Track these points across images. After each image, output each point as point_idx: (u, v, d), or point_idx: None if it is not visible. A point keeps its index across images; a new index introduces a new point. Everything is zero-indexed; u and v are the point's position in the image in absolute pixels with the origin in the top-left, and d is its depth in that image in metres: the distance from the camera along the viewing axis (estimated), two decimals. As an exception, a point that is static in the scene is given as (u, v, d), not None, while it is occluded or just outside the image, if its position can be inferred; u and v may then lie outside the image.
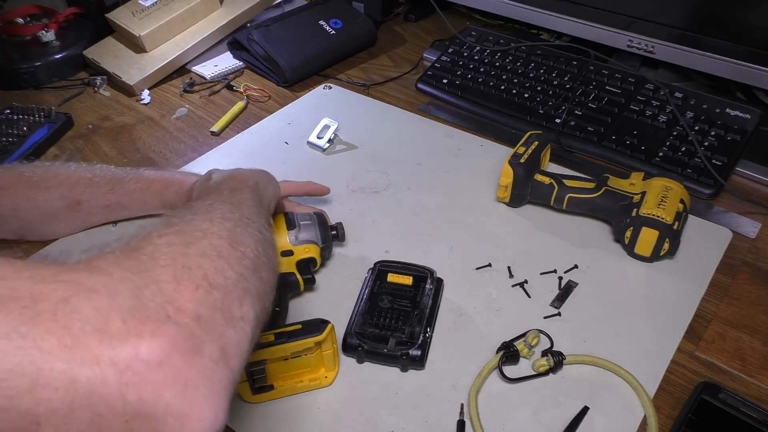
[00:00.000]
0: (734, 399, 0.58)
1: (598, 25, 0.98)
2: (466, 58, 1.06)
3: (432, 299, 0.66)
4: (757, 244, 0.75)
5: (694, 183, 0.82)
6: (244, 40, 1.11)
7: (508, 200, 0.80)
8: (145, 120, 1.01)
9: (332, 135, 0.92)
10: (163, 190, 0.74)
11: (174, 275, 0.36)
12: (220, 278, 0.38)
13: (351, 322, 0.64)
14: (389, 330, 0.63)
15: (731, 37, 0.87)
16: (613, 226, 0.75)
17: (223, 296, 0.37)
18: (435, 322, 0.66)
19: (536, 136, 0.82)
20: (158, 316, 0.33)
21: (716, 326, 0.66)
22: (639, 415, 0.58)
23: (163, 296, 0.34)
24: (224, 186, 0.58)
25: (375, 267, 0.70)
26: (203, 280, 0.37)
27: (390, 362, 0.62)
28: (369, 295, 0.66)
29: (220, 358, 0.34)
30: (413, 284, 0.67)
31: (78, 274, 0.33)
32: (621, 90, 0.95)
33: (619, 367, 0.61)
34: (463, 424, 0.57)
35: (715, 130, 0.87)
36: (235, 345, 0.36)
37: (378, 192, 0.85)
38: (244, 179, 0.59)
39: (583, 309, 0.68)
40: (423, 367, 0.62)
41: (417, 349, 0.61)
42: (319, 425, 0.58)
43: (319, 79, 1.10)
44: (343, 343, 0.63)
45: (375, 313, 0.64)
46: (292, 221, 0.69)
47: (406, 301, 0.65)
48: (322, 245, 0.69)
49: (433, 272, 0.69)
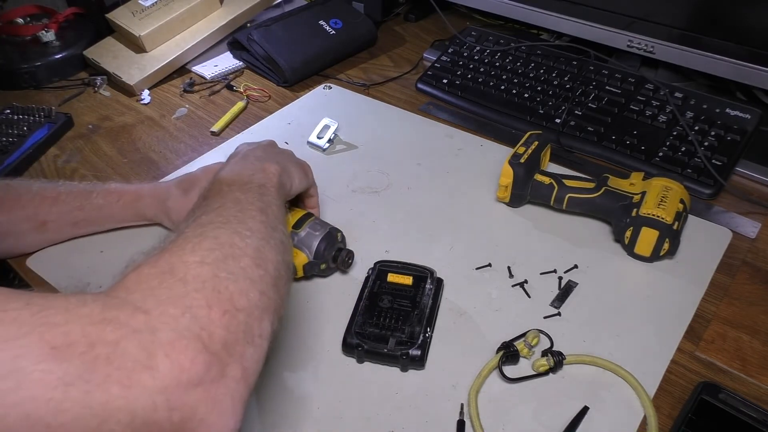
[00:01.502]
0: (734, 399, 0.58)
1: (598, 25, 0.98)
2: (466, 58, 1.06)
3: (432, 299, 0.66)
4: (757, 244, 0.75)
5: (694, 183, 0.82)
6: (244, 40, 1.11)
7: (508, 200, 0.80)
8: (145, 120, 1.01)
9: (332, 135, 0.92)
10: (135, 202, 0.75)
11: (206, 300, 0.40)
12: (244, 300, 0.42)
13: (351, 322, 0.64)
14: (389, 330, 0.63)
15: (731, 37, 0.87)
16: (613, 226, 0.75)
17: (246, 317, 0.42)
18: (435, 322, 0.66)
19: (536, 136, 0.82)
20: (195, 346, 0.37)
21: (716, 326, 0.66)
22: (639, 415, 0.58)
23: (197, 323, 0.39)
24: (254, 181, 0.57)
25: (375, 267, 0.70)
26: (230, 304, 0.41)
27: (390, 362, 0.62)
28: (369, 295, 0.66)
29: (242, 377, 0.40)
30: (413, 284, 0.67)
31: (121, 313, 0.37)
32: (621, 90, 0.95)
33: (619, 367, 0.61)
34: (463, 424, 0.57)
35: (715, 130, 0.87)
36: (254, 362, 0.41)
37: (378, 192, 0.85)
38: (272, 173, 0.60)
39: (583, 309, 0.68)
40: (423, 366, 0.62)
41: (417, 349, 0.61)
42: (319, 425, 0.58)
43: (319, 79, 1.10)
44: (343, 342, 0.63)
45: (375, 313, 0.64)
46: (302, 223, 0.69)
47: (406, 300, 0.65)
48: (312, 259, 0.69)
49: (433, 272, 0.69)
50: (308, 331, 0.66)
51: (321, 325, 0.67)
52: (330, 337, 0.65)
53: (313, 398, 0.60)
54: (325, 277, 0.72)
